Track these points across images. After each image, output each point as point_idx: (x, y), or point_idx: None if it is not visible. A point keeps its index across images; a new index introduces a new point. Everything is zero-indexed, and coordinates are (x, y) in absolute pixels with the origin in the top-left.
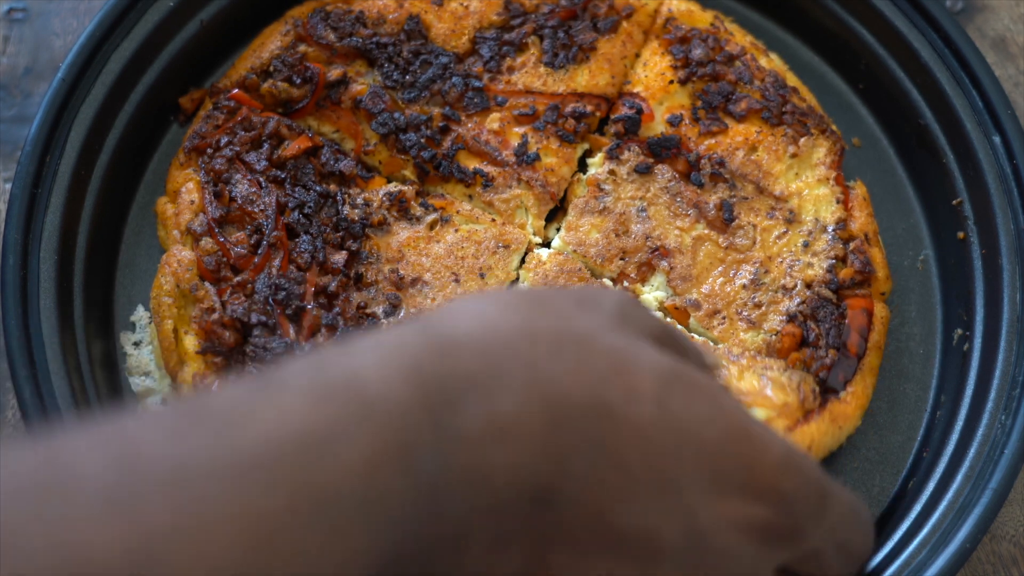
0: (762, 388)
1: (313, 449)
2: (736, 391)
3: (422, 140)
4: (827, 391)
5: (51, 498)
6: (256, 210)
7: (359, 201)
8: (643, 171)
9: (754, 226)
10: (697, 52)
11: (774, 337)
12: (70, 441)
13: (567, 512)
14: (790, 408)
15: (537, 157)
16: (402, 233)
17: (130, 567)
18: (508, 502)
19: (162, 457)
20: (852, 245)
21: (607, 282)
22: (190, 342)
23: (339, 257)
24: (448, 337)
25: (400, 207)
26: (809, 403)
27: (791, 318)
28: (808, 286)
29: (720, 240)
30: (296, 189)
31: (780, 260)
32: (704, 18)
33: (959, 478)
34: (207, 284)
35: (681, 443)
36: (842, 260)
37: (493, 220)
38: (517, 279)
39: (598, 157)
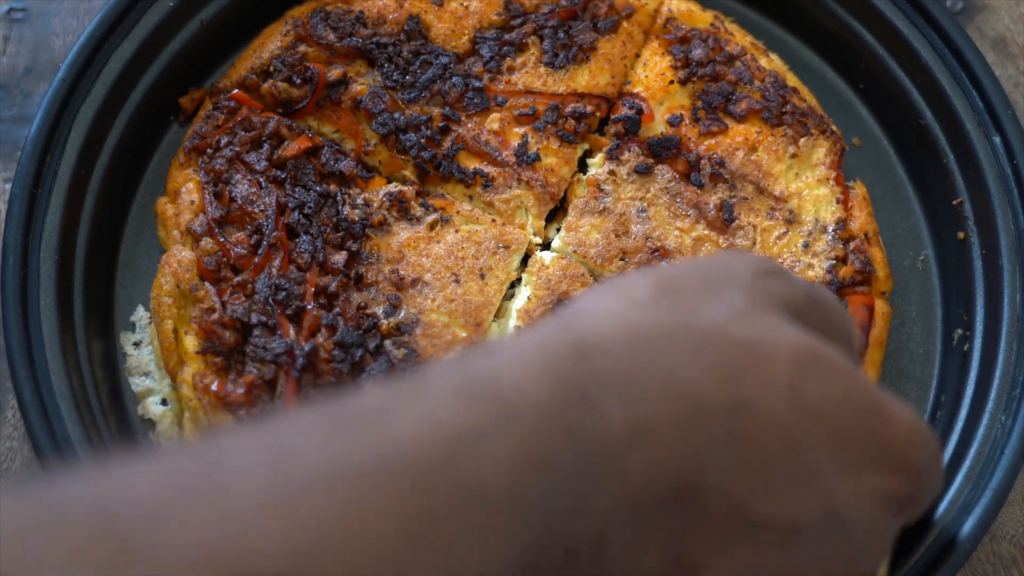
0: None
1: (459, 447)
2: None
3: (422, 140)
4: None
5: (211, 499)
6: (256, 210)
7: (359, 201)
8: (643, 171)
9: (754, 227)
10: (697, 52)
11: None
12: (224, 444)
13: (707, 507)
14: None
15: (537, 157)
16: (402, 233)
17: (291, 563)
18: (647, 501)
19: (314, 457)
20: (852, 245)
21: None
22: (190, 342)
23: (339, 257)
24: (586, 338)
25: (400, 207)
26: None
27: None
28: None
29: (720, 241)
30: (296, 189)
31: (780, 261)
32: (704, 18)
33: (959, 478)
34: (207, 284)
35: (816, 426)
36: (842, 260)
37: (493, 220)
38: (519, 280)
39: (598, 157)
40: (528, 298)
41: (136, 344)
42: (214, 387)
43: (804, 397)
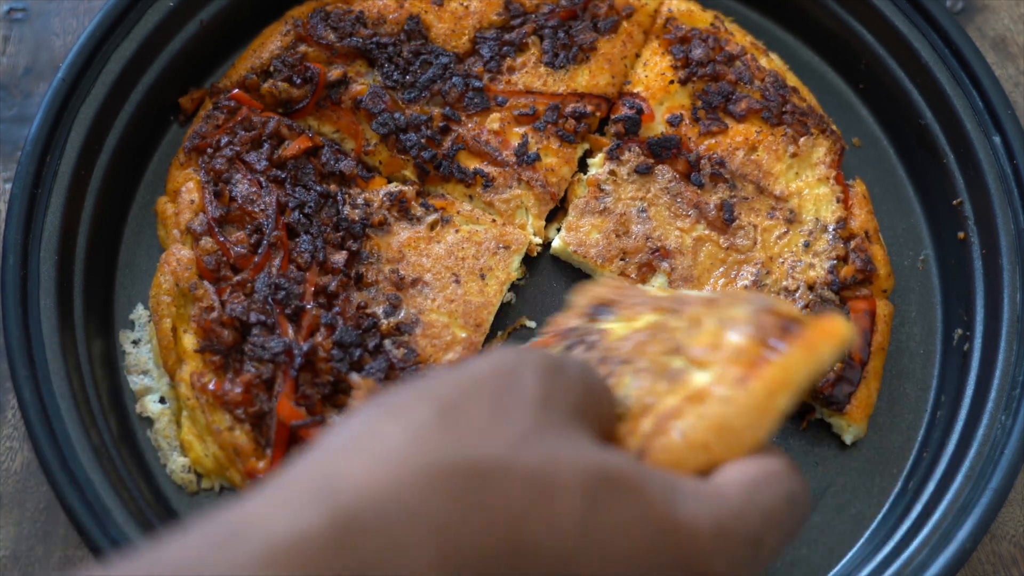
0: (713, 336)
1: None
2: (687, 352)
3: (422, 140)
4: (832, 404)
5: None
6: (256, 210)
7: (359, 201)
8: (643, 171)
9: (755, 226)
10: (697, 52)
11: None
12: None
13: None
14: (742, 351)
15: (537, 157)
16: (402, 233)
17: None
18: None
19: None
20: (853, 243)
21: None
22: (189, 341)
23: (339, 257)
24: (349, 511)
25: (400, 207)
26: (768, 332)
27: None
28: (810, 288)
29: (721, 241)
30: (296, 189)
31: (781, 261)
32: (704, 18)
33: (959, 478)
34: (206, 283)
35: (611, 561)
36: (843, 259)
37: (493, 220)
38: (523, 279)
39: (598, 157)
40: None
41: (135, 342)
42: (211, 386)
43: (595, 530)
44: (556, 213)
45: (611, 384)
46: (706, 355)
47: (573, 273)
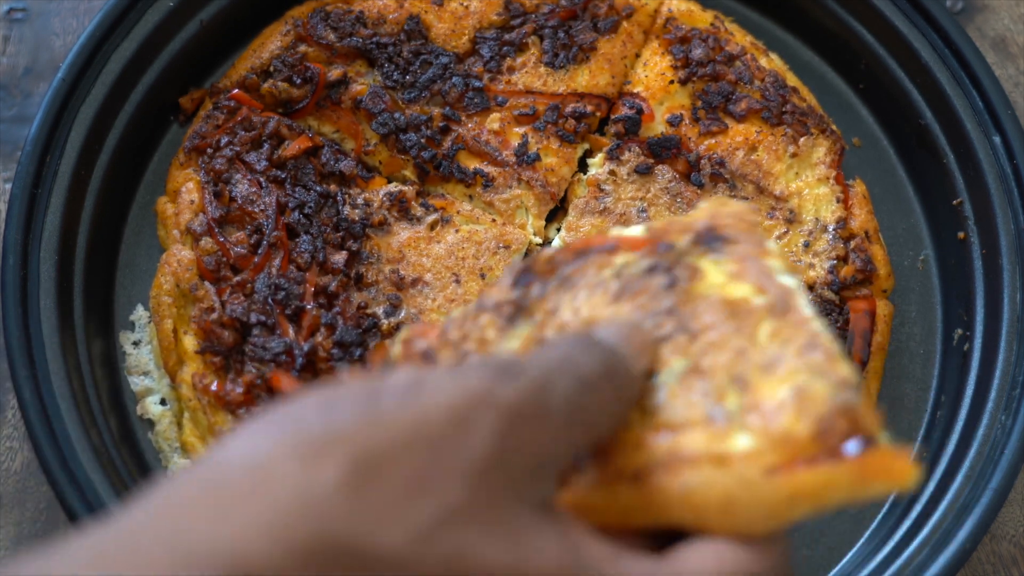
0: (780, 404)
1: None
2: (747, 394)
3: (422, 140)
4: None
5: None
6: (256, 210)
7: (359, 201)
8: (643, 171)
9: None
10: (697, 52)
11: None
12: None
13: None
14: (793, 442)
15: (537, 157)
16: (402, 233)
17: None
18: None
19: None
20: (853, 243)
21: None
22: (189, 342)
23: (339, 257)
24: None
25: (400, 207)
26: (832, 438)
27: None
28: (810, 288)
29: None
30: (296, 189)
31: None
32: (704, 18)
33: (959, 478)
34: (207, 284)
35: None
36: (843, 260)
37: (493, 220)
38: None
39: (598, 157)
40: None
41: (135, 343)
42: (213, 387)
43: None
44: (556, 213)
45: (656, 354)
46: (760, 417)
47: None
